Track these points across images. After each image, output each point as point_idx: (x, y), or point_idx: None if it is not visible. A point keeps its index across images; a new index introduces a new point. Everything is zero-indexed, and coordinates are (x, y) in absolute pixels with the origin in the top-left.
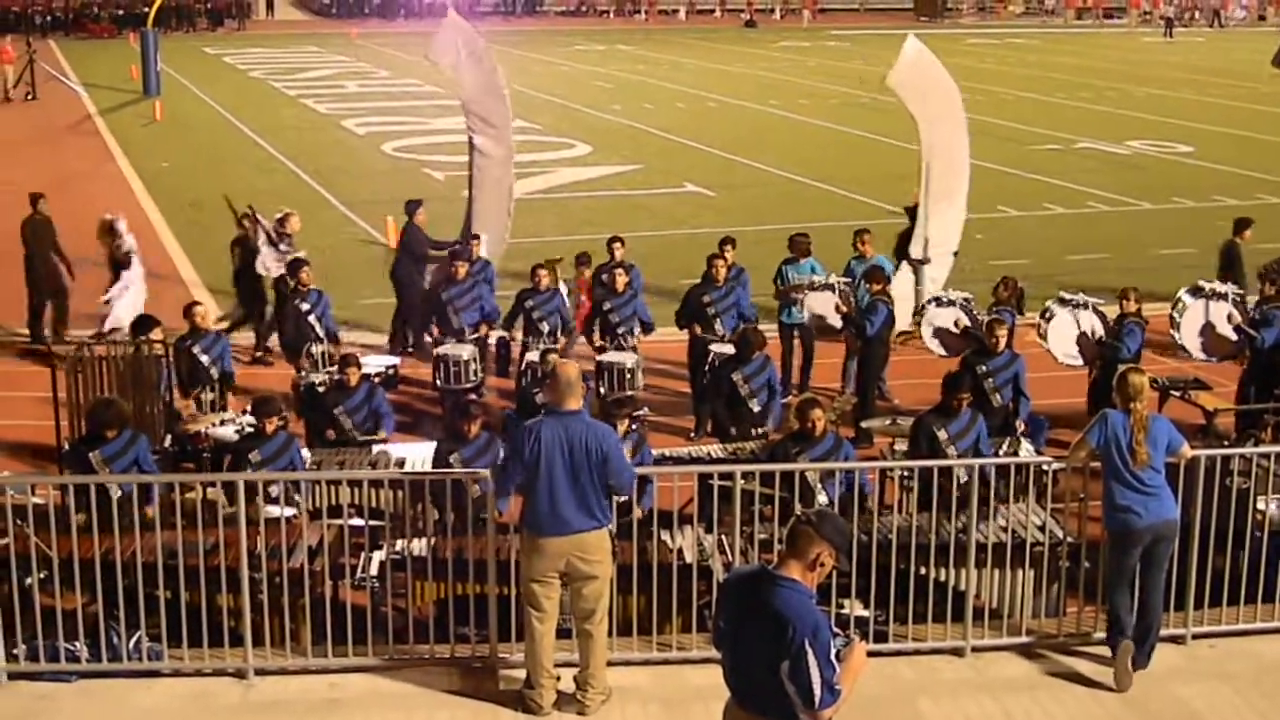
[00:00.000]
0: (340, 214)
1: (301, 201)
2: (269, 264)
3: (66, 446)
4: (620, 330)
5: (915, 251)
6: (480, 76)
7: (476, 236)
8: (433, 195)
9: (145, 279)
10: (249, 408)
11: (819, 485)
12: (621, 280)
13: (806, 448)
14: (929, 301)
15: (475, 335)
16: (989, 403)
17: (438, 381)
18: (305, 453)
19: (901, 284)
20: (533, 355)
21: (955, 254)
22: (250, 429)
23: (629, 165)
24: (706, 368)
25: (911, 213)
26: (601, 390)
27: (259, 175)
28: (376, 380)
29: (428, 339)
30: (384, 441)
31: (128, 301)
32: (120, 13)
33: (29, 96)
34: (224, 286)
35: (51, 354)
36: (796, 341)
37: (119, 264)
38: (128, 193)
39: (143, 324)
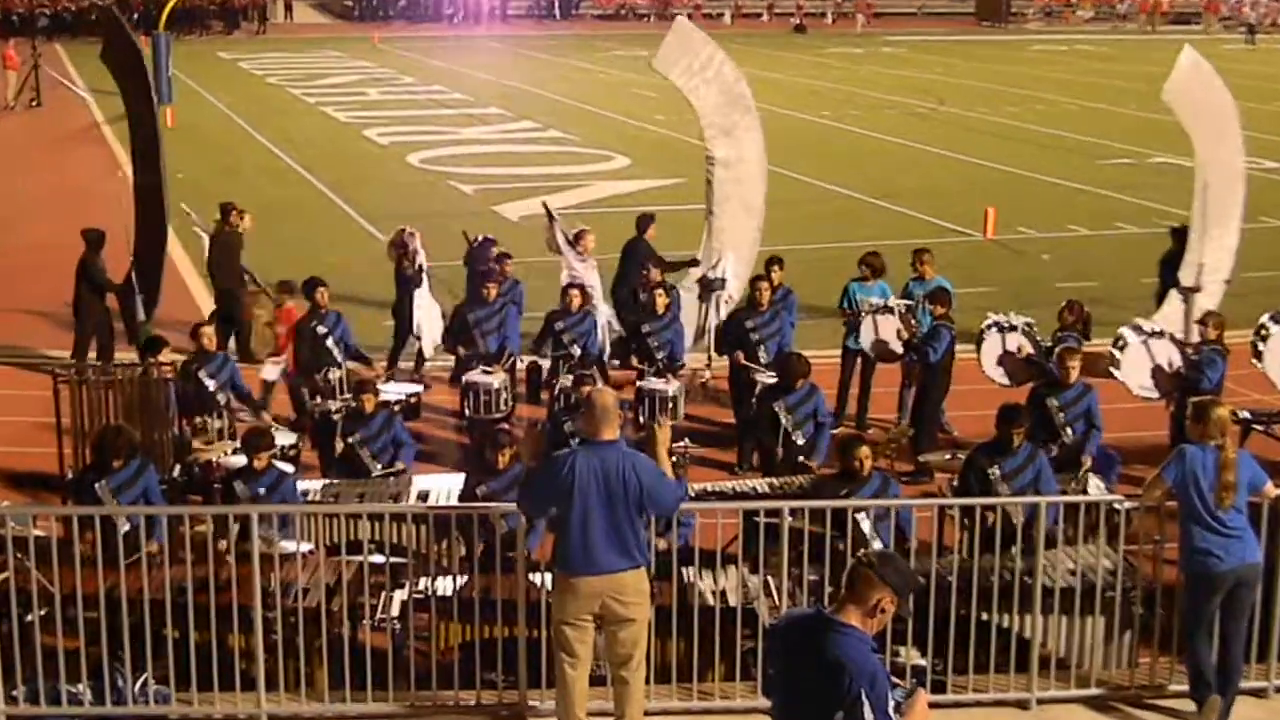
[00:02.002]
0: (363, 229)
1: (320, 215)
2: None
3: (70, 475)
4: (660, 355)
5: (1187, 279)
6: (718, 83)
7: (695, 261)
8: (462, 210)
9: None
10: (240, 439)
11: (871, 531)
12: (661, 302)
13: (854, 489)
14: (989, 326)
15: (501, 360)
16: (1059, 439)
17: (465, 411)
18: (307, 486)
19: (1170, 314)
20: (565, 380)
21: (1227, 281)
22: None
23: (670, 179)
24: (752, 399)
25: (1179, 235)
26: (640, 419)
27: (276, 186)
28: (396, 409)
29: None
30: (402, 472)
31: (429, 322)
32: (133, 16)
33: (34, 103)
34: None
35: (55, 376)
36: (858, 368)
37: (408, 280)
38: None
39: (151, 345)
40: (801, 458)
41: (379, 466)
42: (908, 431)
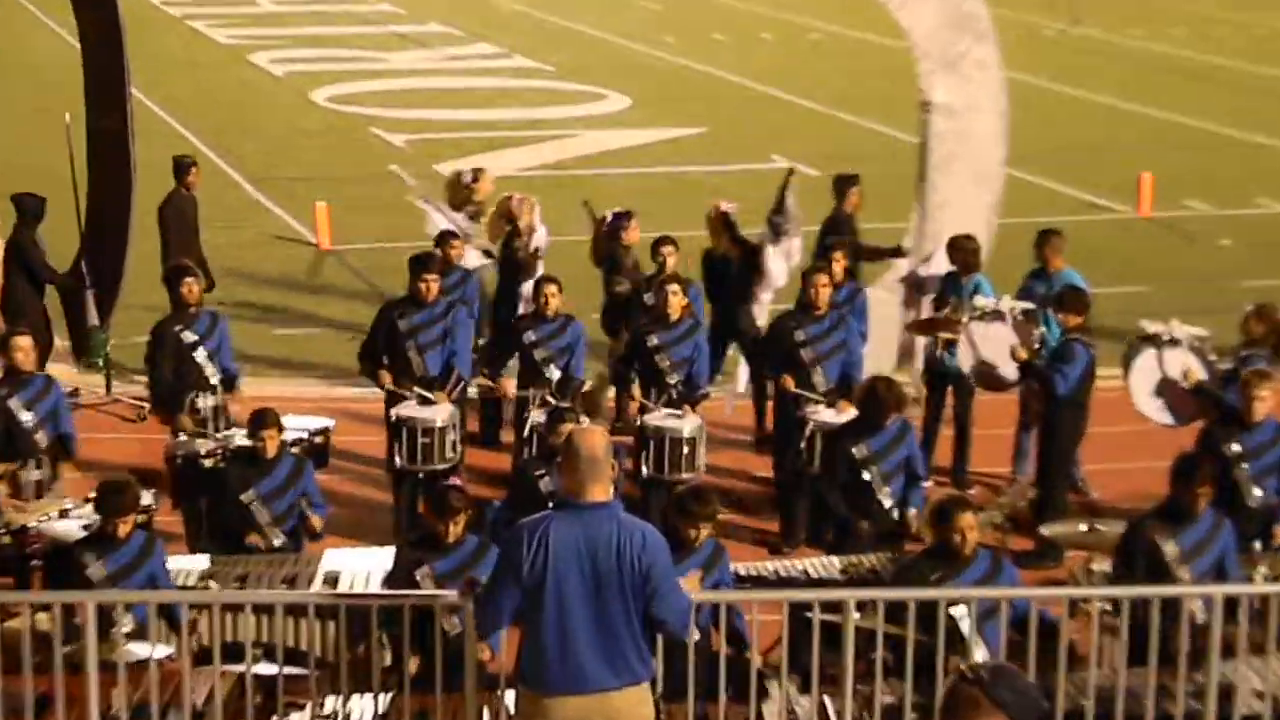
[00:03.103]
0: (247, 196)
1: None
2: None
3: None
4: (673, 379)
5: None
6: (940, 3)
7: (901, 251)
8: (387, 169)
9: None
10: (95, 494)
11: (975, 634)
12: (676, 303)
13: (950, 573)
14: (1143, 341)
15: (446, 386)
16: (1240, 499)
17: (396, 458)
18: (182, 562)
19: None
20: (536, 415)
21: None
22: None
23: (688, 128)
24: (803, 442)
25: None
26: (644, 472)
27: None
28: (296, 450)
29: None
30: (316, 535)
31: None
32: None
33: None
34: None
35: None
36: (949, 400)
37: (518, 268)
38: None
39: None
40: (890, 527)
41: (280, 536)
42: (1028, 492)
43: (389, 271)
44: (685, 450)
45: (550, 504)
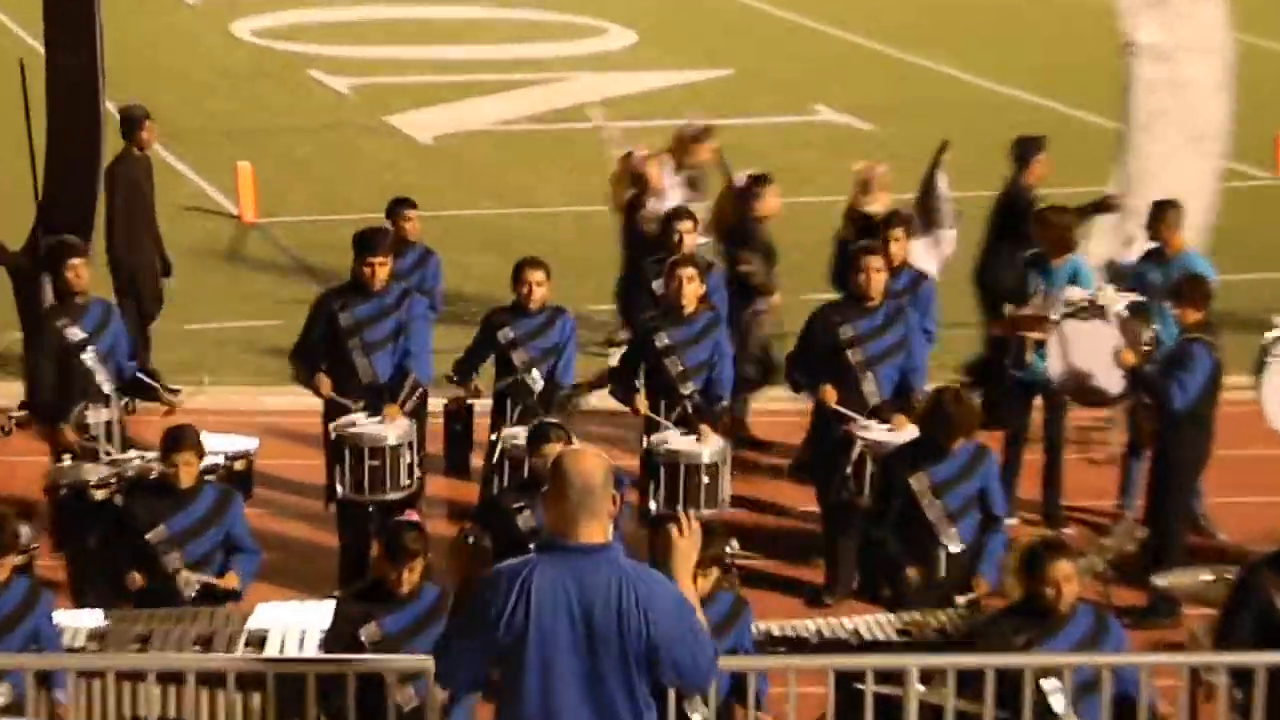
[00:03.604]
0: (153, 156)
1: None
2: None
3: None
4: (687, 388)
5: None
6: None
7: (1111, 204)
8: (332, 120)
9: None
10: None
11: (1069, 709)
12: (691, 293)
13: (1040, 635)
14: (1278, 341)
15: (400, 396)
16: None
17: (337, 488)
18: (67, 618)
19: None
20: (514, 433)
21: None
22: None
23: (708, 70)
24: (849, 468)
25: None
26: (652, 507)
27: None
28: (219, 478)
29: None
30: (238, 596)
31: None
32: None
33: None
34: None
35: None
36: (1039, 414)
37: (643, 242)
38: None
39: None
40: (955, 579)
41: (194, 586)
42: (1137, 532)
43: (328, 250)
44: (704, 479)
45: (532, 545)
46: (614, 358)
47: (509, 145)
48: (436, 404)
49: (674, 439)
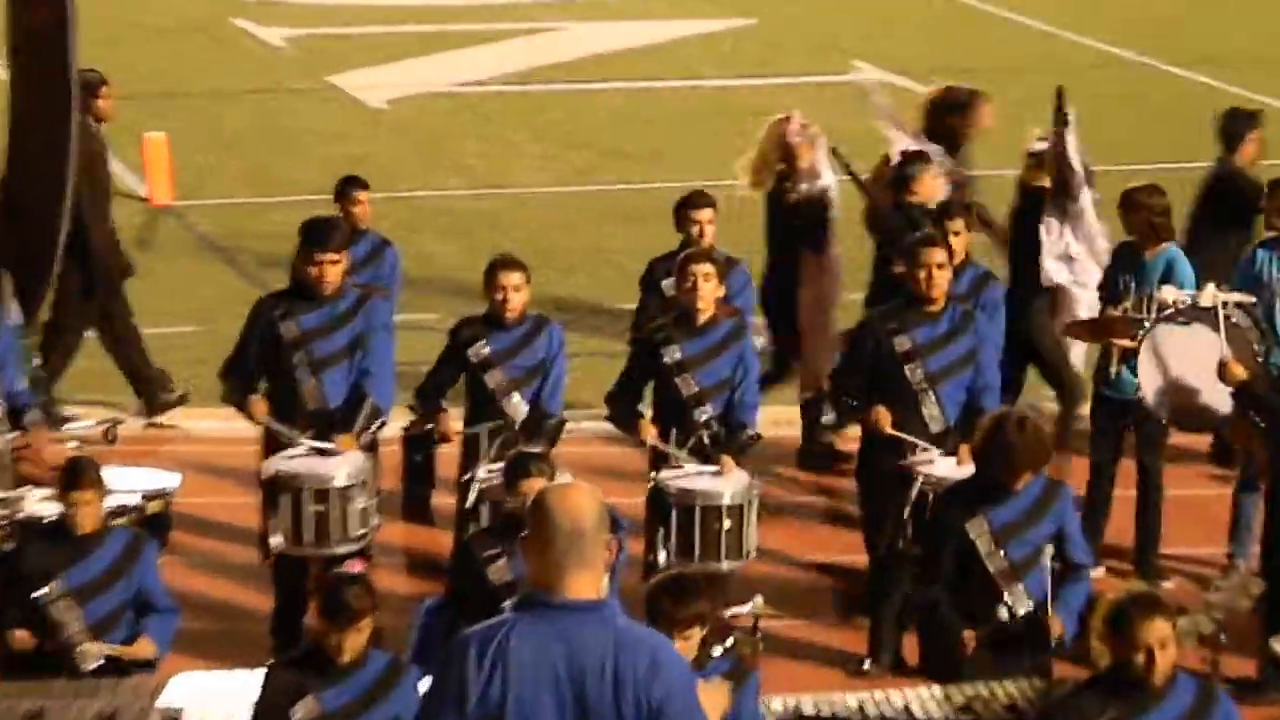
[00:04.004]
0: None
1: None
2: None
3: None
4: (704, 412)
5: None
6: None
7: None
8: (267, 84)
9: None
10: None
11: None
12: (708, 294)
13: (1131, 712)
14: None
15: (353, 425)
16: None
17: (272, 537)
18: None
19: None
20: (487, 471)
21: None
22: None
23: (727, 19)
24: (906, 512)
25: None
26: (661, 558)
27: None
28: (129, 522)
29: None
30: (150, 666)
31: None
32: None
33: None
34: None
35: None
36: (1128, 441)
37: (788, 227)
38: None
39: None
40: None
41: (96, 658)
42: (1252, 587)
43: (260, 240)
44: (725, 524)
45: (509, 602)
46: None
47: (479, 112)
48: (392, 430)
49: (688, 475)
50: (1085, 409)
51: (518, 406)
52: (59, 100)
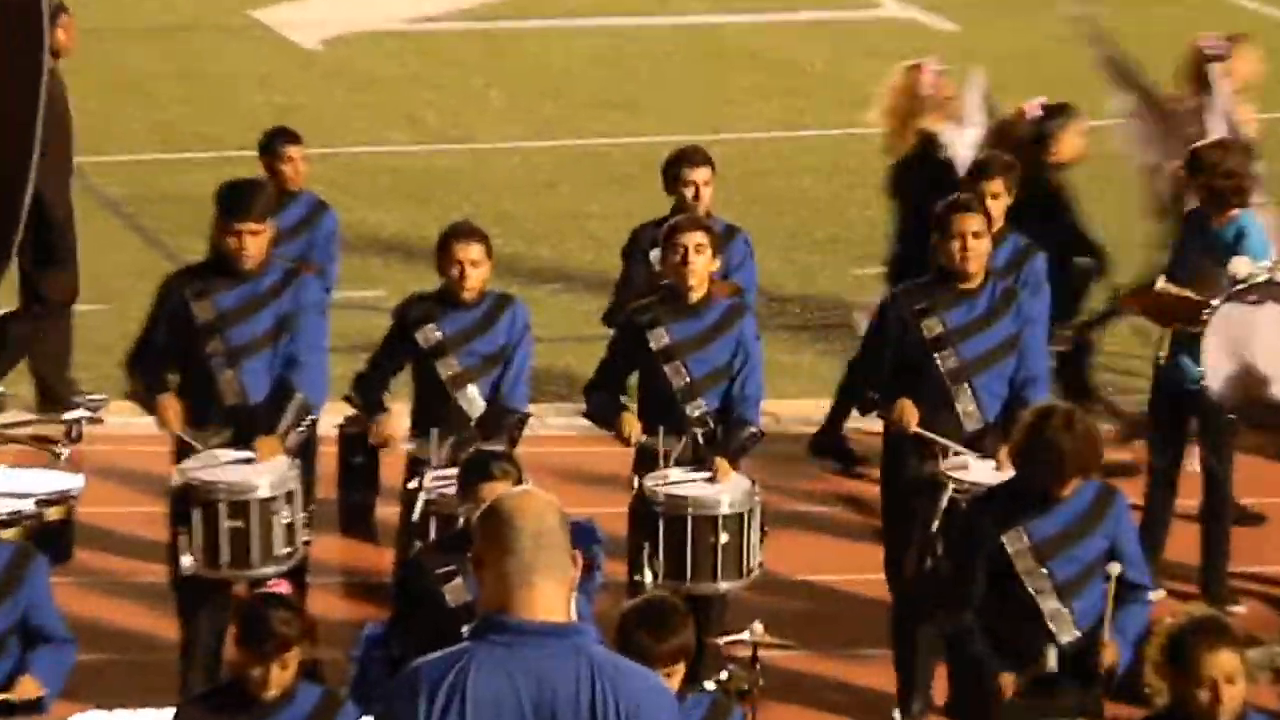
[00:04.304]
0: None
1: None
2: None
3: None
4: (697, 407)
5: None
6: None
7: None
8: (181, 21)
9: None
10: None
11: None
12: (700, 269)
13: None
14: None
15: (279, 423)
16: None
17: (184, 556)
18: None
19: None
20: (438, 476)
21: None
22: None
23: None
24: (935, 522)
25: None
26: (648, 579)
27: None
28: (22, 533)
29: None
30: (38, 707)
31: None
32: None
33: None
34: None
35: None
36: (1193, 444)
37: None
38: None
39: None
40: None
41: None
42: None
43: (176, 205)
44: (722, 538)
45: (465, 628)
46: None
47: (431, 53)
48: (327, 426)
49: (678, 480)
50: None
51: (474, 400)
52: (30, 69)
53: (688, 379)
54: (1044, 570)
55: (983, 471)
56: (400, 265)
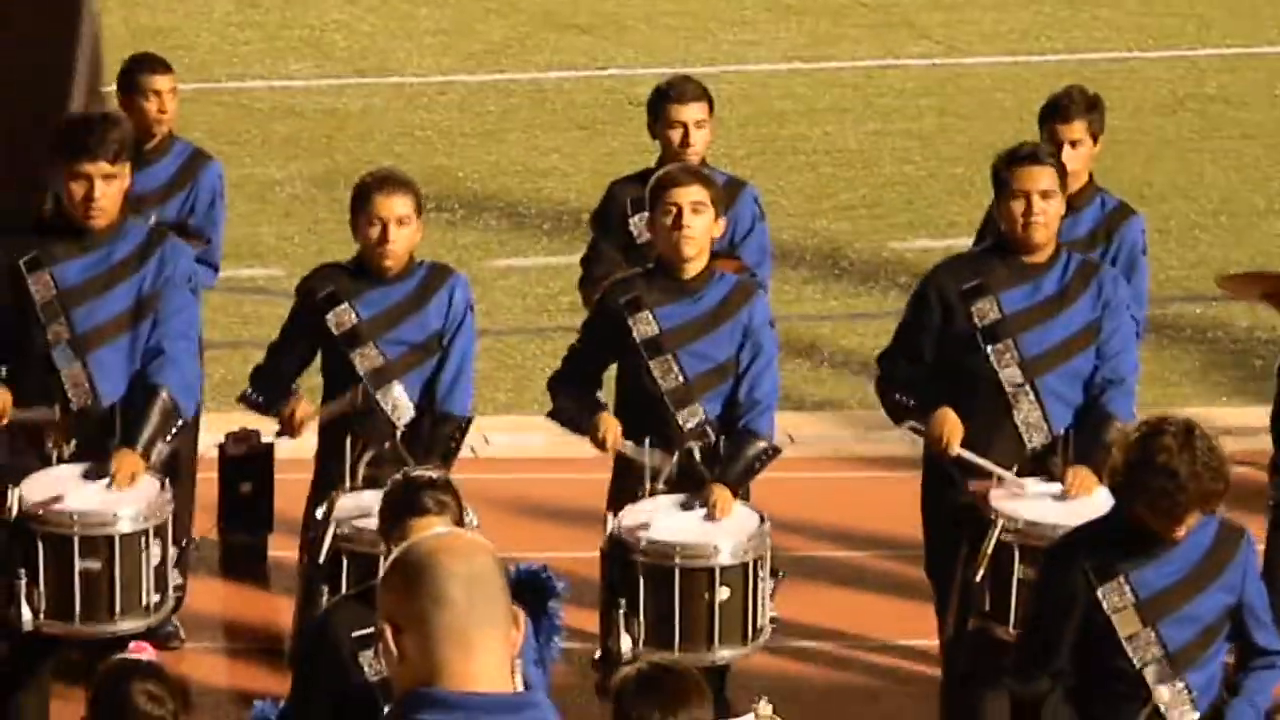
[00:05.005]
0: None
1: None
2: None
3: None
4: (693, 415)
5: None
6: None
7: None
8: None
9: None
10: None
11: None
12: (699, 230)
13: None
14: None
15: (151, 434)
16: None
17: (21, 610)
18: None
19: None
20: (358, 504)
21: None
22: None
23: None
24: (980, 570)
25: None
26: (625, 645)
27: None
28: None
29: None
30: None
31: None
32: None
33: None
34: None
35: None
36: None
37: None
38: None
39: None
40: None
41: None
42: None
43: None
44: (722, 595)
45: (387, 705)
46: None
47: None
48: (207, 445)
49: (664, 513)
50: None
51: (400, 402)
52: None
53: (681, 378)
54: (1152, 633)
55: (1041, 506)
56: (301, 234)
